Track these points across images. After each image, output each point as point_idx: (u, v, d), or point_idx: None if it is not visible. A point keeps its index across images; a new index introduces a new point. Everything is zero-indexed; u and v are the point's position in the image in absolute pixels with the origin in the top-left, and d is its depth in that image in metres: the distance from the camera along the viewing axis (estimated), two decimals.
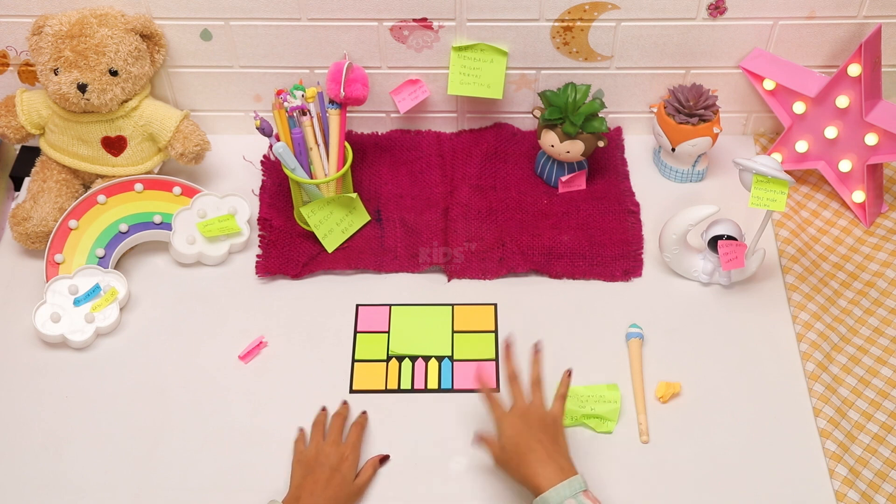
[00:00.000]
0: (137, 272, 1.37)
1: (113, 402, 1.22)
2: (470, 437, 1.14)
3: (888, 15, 1.37)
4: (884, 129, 1.33)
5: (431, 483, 1.14)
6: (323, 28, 1.39)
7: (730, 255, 1.26)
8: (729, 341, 1.28)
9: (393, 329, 1.30)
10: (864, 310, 1.31)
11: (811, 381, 1.22)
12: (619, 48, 1.42)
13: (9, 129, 1.40)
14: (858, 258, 1.37)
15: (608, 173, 1.48)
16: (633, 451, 1.17)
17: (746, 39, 1.41)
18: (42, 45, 1.32)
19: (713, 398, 1.21)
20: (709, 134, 1.40)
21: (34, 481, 1.15)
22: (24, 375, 1.25)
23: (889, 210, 1.43)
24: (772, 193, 1.19)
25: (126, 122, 1.38)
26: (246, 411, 1.21)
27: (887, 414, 1.19)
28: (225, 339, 1.28)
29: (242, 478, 1.15)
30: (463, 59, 1.41)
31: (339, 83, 1.32)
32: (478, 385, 1.12)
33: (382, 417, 1.20)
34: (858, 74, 1.32)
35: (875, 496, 1.12)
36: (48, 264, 1.32)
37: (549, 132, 1.39)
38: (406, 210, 1.42)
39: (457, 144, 1.52)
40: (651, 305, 1.32)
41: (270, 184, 1.46)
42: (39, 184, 1.39)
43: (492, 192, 1.45)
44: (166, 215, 1.37)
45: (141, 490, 1.14)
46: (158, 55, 1.40)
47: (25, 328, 1.29)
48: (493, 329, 1.30)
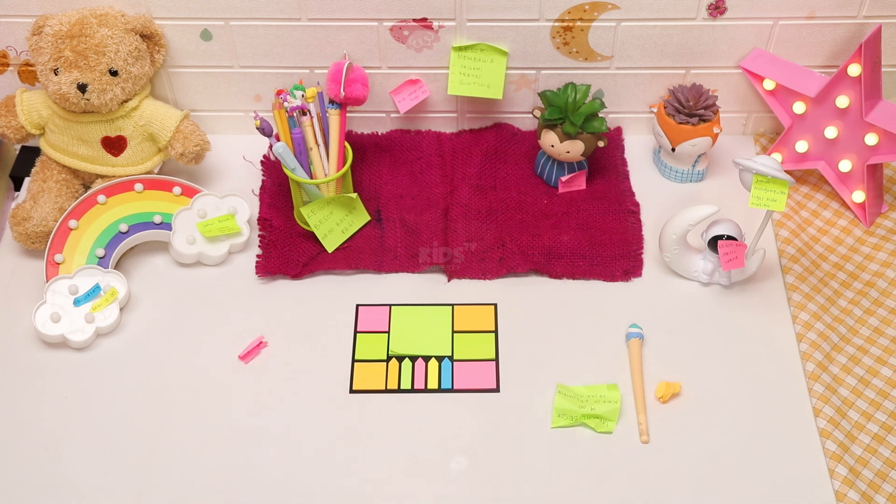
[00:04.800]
0: (137, 272, 1.37)
1: (113, 402, 1.22)
2: (470, 438, 1.14)
3: (888, 15, 1.37)
4: (884, 129, 1.33)
5: (431, 483, 1.14)
6: (323, 28, 1.39)
7: (730, 255, 1.26)
8: (729, 341, 1.28)
9: (393, 329, 1.30)
10: (864, 310, 1.31)
11: (811, 381, 1.22)
12: (619, 48, 1.42)
13: (9, 129, 1.40)
14: (858, 258, 1.37)
15: (608, 173, 1.48)
16: (633, 451, 1.17)
17: (746, 39, 1.41)
18: (42, 45, 1.32)
19: (713, 398, 1.21)
20: (709, 134, 1.40)
21: (34, 481, 1.15)
22: (24, 375, 1.25)
23: (889, 210, 1.43)
24: (772, 193, 1.19)
25: (126, 122, 1.38)
26: (246, 411, 1.21)
27: (887, 414, 1.20)
28: (225, 339, 1.28)
29: (242, 478, 1.15)
30: (463, 59, 1.41)
31: (339, 83, 1.32)
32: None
33: (382, 417, 1.20)
34: (858, 74, 1.32)
35: (875, 496, 1.12)
36: (48, 264, 1.32)
37: (549, 132, 1.39)
38: (406, 210, 1.42)
39: (457, 144, 1.52)
40: (651, 305, 1.31)
41: (270, 184, 1.46)
42: (39, 184, 1.39)
43: (492, 192, 1.45)
44: (166, 215, 1.37)
45: (141, 490, 1.14)
46: (158, 55, 1.40)
47: (25, 328, 1.29)
48: (493, 329, 1.30)
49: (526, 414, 1.20)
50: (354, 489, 1.14)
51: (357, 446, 1.18)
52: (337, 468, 1.16)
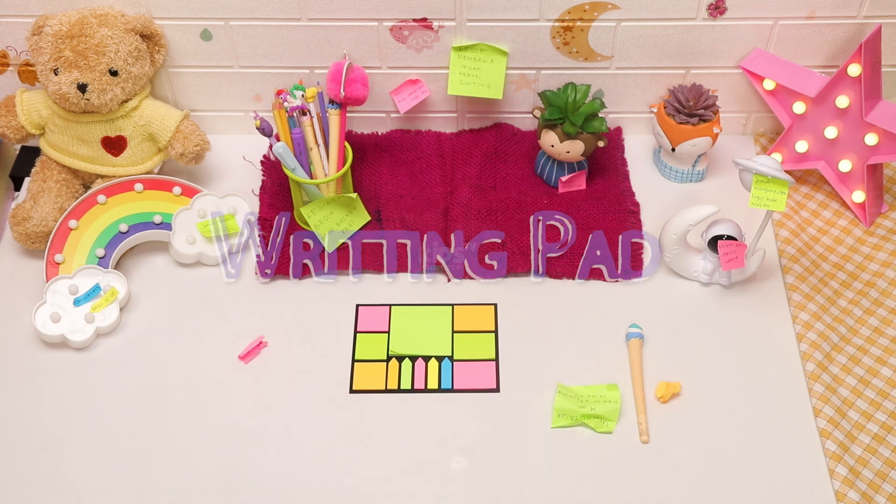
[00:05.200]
0: (137, 272, 1.37)
1: (113, 402, 1.22)
2: (470, 437, 1.13)
3: (888, 15, 1.37)
4: (884, 129, 1.33)
5: (431, 483, 1.14)
6: (323, 28, 1.39)
7: (730, 255, 1.26)
8: (729, 341, 1.27)
9: (393, 329, 1.30)
10: (864, 310, 1.31)
11: (811, 381, 1.22)
12: (619, 48, 1.42)
13: (9, 129, 1.40)
14: (858, 258, 1.37)
15: (608, 173, 1.48)
16: (633, 451, 1.17)
17: (746, 39, 1.41)
18: (42, 45, 1.32)
19: (713, 398, 1.21)
20: (709, 134, 1.40)
21: (34, 481, 1.15)
22: (24, 375, 1.25)
23: (889, 210, 1.43)
24: (772, 193, 1.19)
25: (126, 122, 1.38)
26: (246, 411, 1.21)
27: (887, 414, 1.19)
28: (225, 339, 1.28)
29: (242, 478, 1.15)
30: (463, 59, 1.41)
31: (339, 83, 1.32)
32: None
33: (382, 417, 1.20)
34: (858, 74, 1.32)
35: (875, 496, 1.12)
36: (48, 264, 1.32)
37: (549, 132, 1.39)
38: (406, 210, 1.42)
39: (457, 144, 1.52)
40: (651, 305, 1.31)
41: (270, 184, 1.46)
42: (39, 184, 1.39)
43: (492, 192, 1.45)
44: (166, 215, 1.37)
45: (141, 490, 1.14)
46: (158, 55, 1.40)
47: (25, 328, 1.29)
48: (493, 329, 1.30)
49: (526, 414, 1.20)
50: (354, 489, 1.14)
51: (357, 446, 1.18)
52: (337, 468, 1.16)
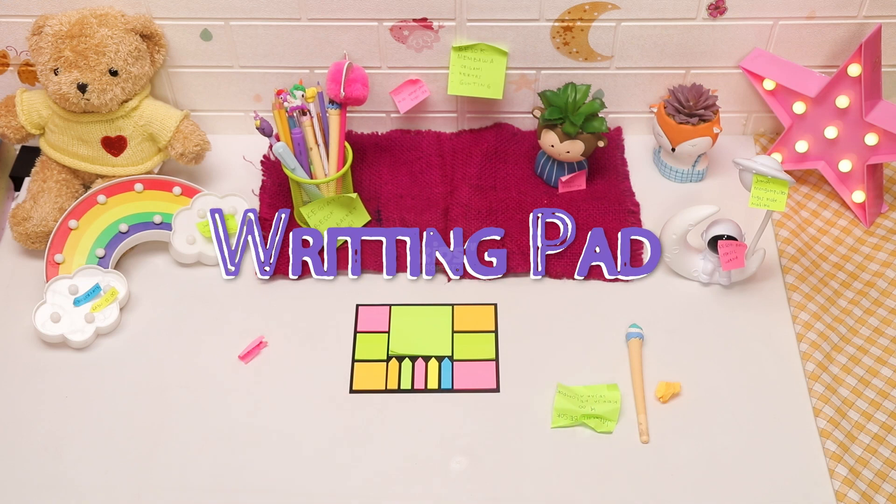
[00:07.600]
0: (137, 272, 1.37)
1: (113, 402, 1.22)
2: (470, 437, 1.13)
3: (888, 15, 1.37)
4: (884, 129, 1.33)
5: (431, 483, 1.14)
6: (323, 28, 1.39)
7: (730, 255, 1.26)
8: (729, 341, 1.27)
9: (393, 329, 1.30)
10: (864, 310, 1.31)
11: (811, 381, 1.22)
12: (619, 48, 1.42)
13: (9, 129, 1.40)
14: (858, 258, 1.37)
15: (608, 173, 1.48)
16: (633, 451, 1.17)
17: (746, 39, 1.41)
18: (42, 45, 1.32)
19: (713, 398, 1.21)
20: (709, 134, 1.40)
21: (34, 481, 1.15)
22: (24, 375, 1.25)
23: (889, 210, 1.43)
24: (772, 193, 1.19)
25: (126, 122, 1.38)
26: (246, 411, 1.21)
27: (887, 414, 1.19)
28: (225, 339, 1.28)
29: (242, 478, 1.15)
30: (463, 59, 1.41)
31: (339, 83, 1.32)
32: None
33: (382, 417, 1.20)
34: (858, 74, 1.32)
35: (875, 496, 1.12)
36: (48, 264, 1.32)
37: (549, 132, 1.39)
38: (406, 210, 1.42)
39: (457, 144, 1.52)
40: (651, 305, 1.31)
41: (270, 184, 1.46)
42: (39, 184, 1.39)
43: (492, 192, 1.45)
44: (166, 215, 1.37)
45: (141, 490, 1.14)
46: (158, 55, 1.40)
47: (25, 328, 1.29)
48: (493, 329, 1.30)
49: (526, 414, 1.20)
50: (354, 489, 1.14)
51: (357, 446, 1.18)
52: (337, 468, 1.16)
